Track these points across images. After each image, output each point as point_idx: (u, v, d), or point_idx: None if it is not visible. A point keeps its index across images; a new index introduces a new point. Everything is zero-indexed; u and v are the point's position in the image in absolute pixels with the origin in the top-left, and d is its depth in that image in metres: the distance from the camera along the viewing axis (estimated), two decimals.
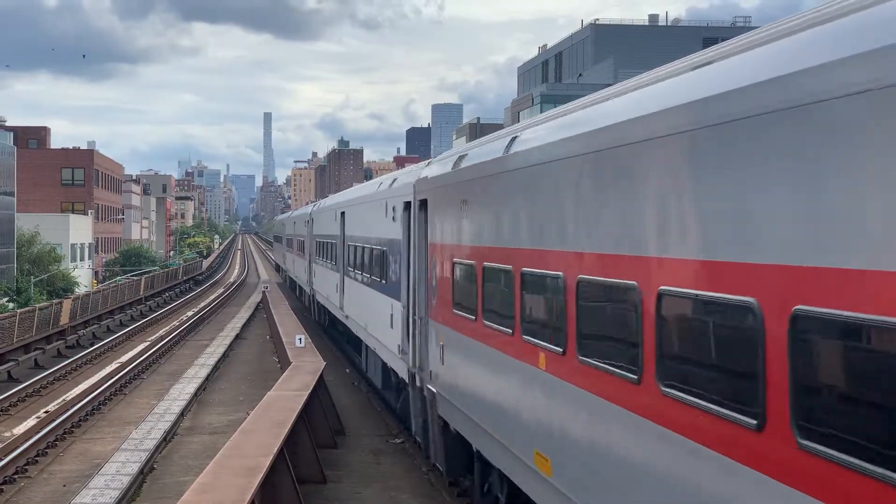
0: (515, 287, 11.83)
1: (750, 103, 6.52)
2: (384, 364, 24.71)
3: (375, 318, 25.24)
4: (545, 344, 10.76)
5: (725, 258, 6.90)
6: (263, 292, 66.43)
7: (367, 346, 28.33)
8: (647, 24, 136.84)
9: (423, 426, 19.13)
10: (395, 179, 23.72)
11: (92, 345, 45.75)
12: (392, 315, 22.32)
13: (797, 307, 5.89)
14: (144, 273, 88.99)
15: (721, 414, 6.96)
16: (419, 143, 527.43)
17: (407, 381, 20.38)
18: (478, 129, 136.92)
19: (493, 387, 13.16)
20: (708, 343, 7.41)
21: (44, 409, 28.46)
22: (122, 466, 21.21)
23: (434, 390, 17.05)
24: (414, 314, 19.13)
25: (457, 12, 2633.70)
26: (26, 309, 44.47)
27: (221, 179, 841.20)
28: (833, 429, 5.69)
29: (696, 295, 7.37)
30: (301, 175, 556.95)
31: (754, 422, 6.49)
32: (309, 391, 20.99)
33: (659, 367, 7.96)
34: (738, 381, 6.79)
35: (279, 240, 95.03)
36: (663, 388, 7.88)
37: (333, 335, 43.67)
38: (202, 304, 71.48)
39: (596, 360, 9.34)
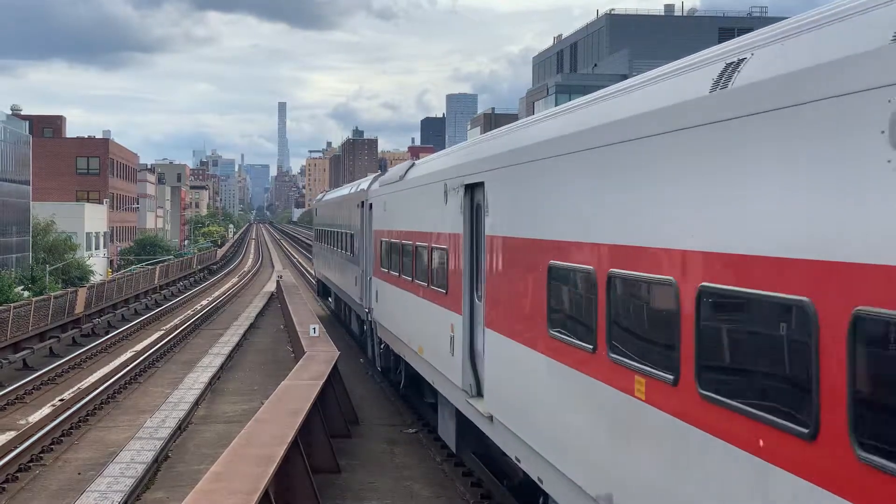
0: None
1: None
2: None
3: None
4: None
5: None
6: (277, 281, 66.47)
7: None
8: (662, 14, 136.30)
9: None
10: None
11: (107, 333, 45.88)
12: None
13: None
14: (159, 262, 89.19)
15: None
16: (433, 133, 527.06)
17: None
18: (492, 120, 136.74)
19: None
20: None
21: (59, 398, 28.60)
22: (136, 455, 21.28)
23: None
24: None
25: (472, 2, 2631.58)
26: (41, 297, 44.64)
27: (236, 169, 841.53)
28: None
29: None
30: (315, 165, 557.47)
31: None
32: (323, 381, 21.00)
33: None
34: None
35: (333, 240, 42.10)
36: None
37: None
38: (216, 294, 71.66)
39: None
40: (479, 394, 15.05)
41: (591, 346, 9.71)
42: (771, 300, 6.58)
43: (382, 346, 26.82)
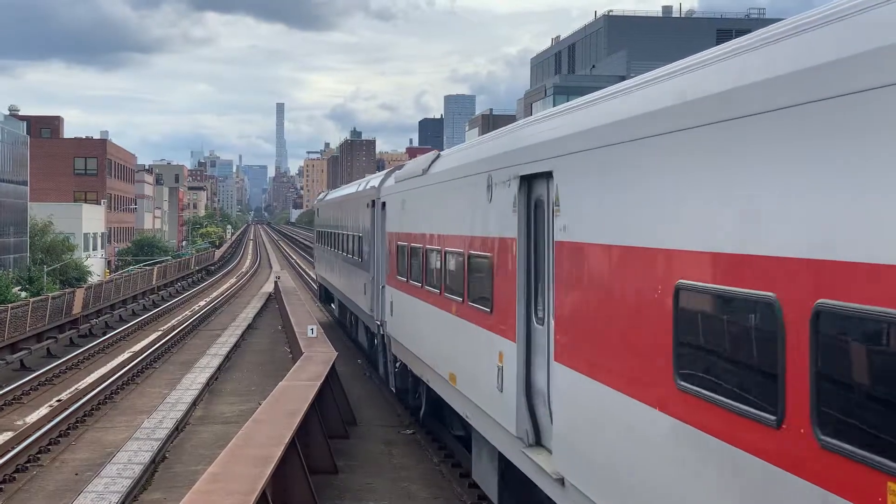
0: None
1: None
2: None
3: None
4: None
5: None
6: (275, 282, 66.46)
7: None
8: (660, 15, 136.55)
9: None
10: None
11: (104, 334, 45.88)
12: None
13: None
14: (157, 263, 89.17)
15: None
16: (432, 134, 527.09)
17: None
18: (490, 121, 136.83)
19: None
20: None
21: (56, 398, 28.59)
22: (133, 455, 21.28)
23: None
24: None
25: (470, 3, 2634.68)
26: (39, 298, 44.60)
27: (234, 170, 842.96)
28: None
29: None
30: (313, 166, 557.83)
31: None
32: (321, 381, 21.00)
33: None
34: None
35: (337, 243, 38.26)
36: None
37: None
38: (214, 294, 71.65)
39: None
40: (539, 443, 11.93)
41: (772, 417, 6.39)
42: None
43: (398, 366, 23.31)
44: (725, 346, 7.23)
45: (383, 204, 25.13)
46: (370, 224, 27.37)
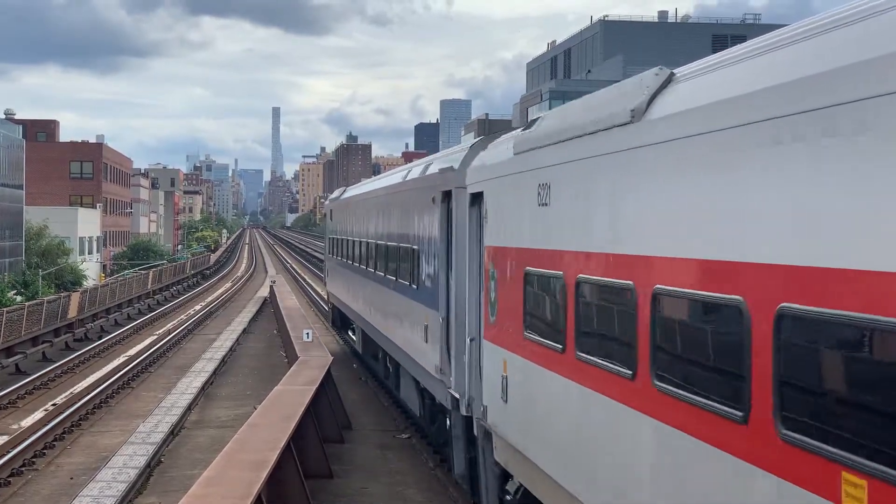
0: None
1: None
2: None
3: None
4: None
5: None
6: (271, 286, 66.42)
7: None
8: (656, 20, 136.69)
9: None
10: None
11: (100, 338, 45.82)
12: None
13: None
14: (152, 267, 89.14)
15: None
16: (427, 138, 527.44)
17: None
18: (486, 126, 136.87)
19: None
20: None
21: (51, 402, 28.58)
22: (129, 460, 21.25)
23: None
24: None
25: (466, 8, 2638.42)
26: (34, 302, 44.59)
27: (229, 174, 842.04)
28: None
29: None
30: (309, 170, 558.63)
31: None
32: (316, 386, 21.01)
33: None
34: None
35: (367, 257, 27.67)
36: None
37: None
38: (210, 298, 71.63)
39: None
40: None
41: None
42: None
43: (518, 492, 12.64)
44: None
45: (474, 197, 15.01)
46: (438, 231, 17.87)
